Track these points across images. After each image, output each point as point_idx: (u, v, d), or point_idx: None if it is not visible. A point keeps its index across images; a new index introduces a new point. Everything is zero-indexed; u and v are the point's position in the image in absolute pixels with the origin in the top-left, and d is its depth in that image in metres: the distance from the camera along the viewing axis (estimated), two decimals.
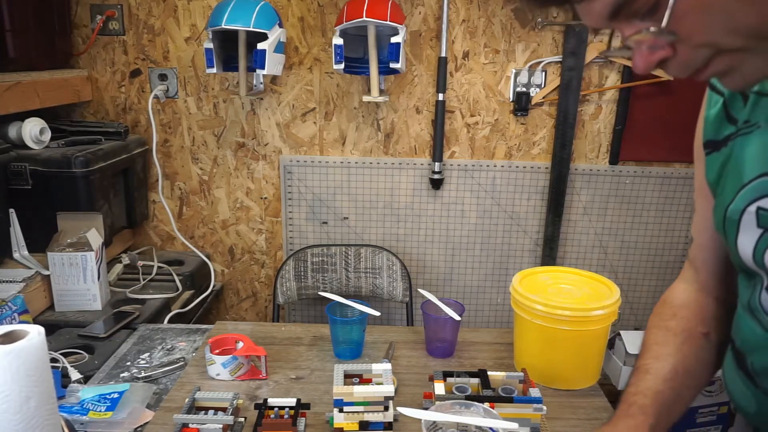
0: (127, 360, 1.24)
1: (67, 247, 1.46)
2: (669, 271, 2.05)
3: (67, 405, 1.03)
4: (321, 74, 1.88)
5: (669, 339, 0.78)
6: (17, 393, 0.68)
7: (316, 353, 1.26)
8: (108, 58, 1.89)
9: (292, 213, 2.01)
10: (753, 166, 0.61)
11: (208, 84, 1.90)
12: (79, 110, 1.94)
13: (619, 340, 1.79)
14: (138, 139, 1.90)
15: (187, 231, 2.05)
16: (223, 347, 1.19)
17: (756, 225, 0.60)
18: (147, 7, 1.84)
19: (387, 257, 1.88)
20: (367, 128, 1.93)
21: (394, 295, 1.88)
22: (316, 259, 1.89)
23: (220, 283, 2.06)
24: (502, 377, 1.04)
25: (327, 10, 1.82)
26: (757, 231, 0.60)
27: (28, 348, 0.69)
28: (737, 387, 0.71)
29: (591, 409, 1.09)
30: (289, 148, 1.96)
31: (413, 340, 1.32)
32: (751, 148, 0.62)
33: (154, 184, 1.98)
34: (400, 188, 1.98)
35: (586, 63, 1.83)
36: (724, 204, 0.65)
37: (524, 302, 1.11)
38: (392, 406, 0.97)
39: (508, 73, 1.87)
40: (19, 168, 1.53)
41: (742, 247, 0.63)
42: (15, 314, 1.21)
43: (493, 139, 1.93)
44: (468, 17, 1.82)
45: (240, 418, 1.00)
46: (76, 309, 1.48)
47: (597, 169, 1.96)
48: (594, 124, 1.92)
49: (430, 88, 1.88)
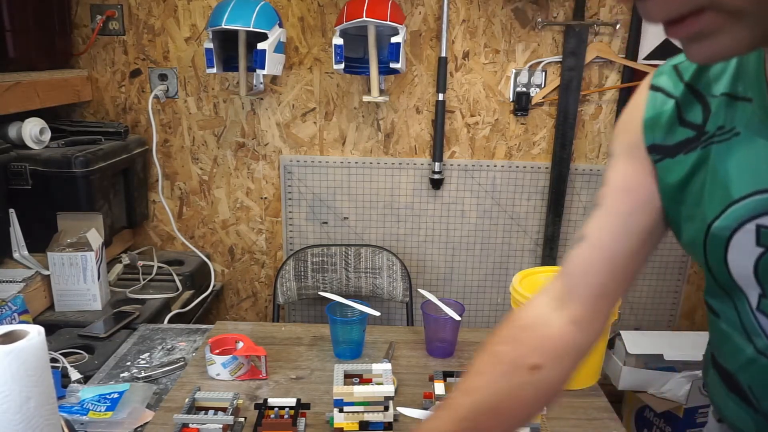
0: (127, 360, 1.24)
1: (67, 247, 1.46)
2: (669, 271, 2.05)
3: (67, 405, 1.03)
4: (321, 74, 1.88)
5: (488, 368, 0.67)
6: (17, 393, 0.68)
7: (316, 353, 1.26)
8: (108, 58, 1.89)
9: (292, 213, 2.01)
10: (742, 181, 0.58)
11: (208, 84, 1.91)
12: (79, 110, 1.94)
13: (619, 340, 1.79)
14: (138, 139, 1.90)
15: (187, 231, 2.05)
16: (223, 347, 1.19)
17: (755, 243, 0.58)
18: (147, 7, 1.84)
19: (387, 257, 1.88)
20: (367, 128, 1.93)
21: (394, 295, 1.88)
22: (316, 259, 1.89)
23: (220, 283, 2.06)
24: None
25: (327, 10, 1.82)
26: (756, 249, 0.58)
27: (28, 348, 0.69)
28: (731, 410, 0.68)
29: (591, 409, 1.09)
30: (289, 148, 1.96)
31: (413, 340, 1.32)
32: (736, 159, 0.58)
33: (154, 184, 1.98)
34: (400, 188, 1.98)
35: (586, 63, 1.83)
36: (705, 219, 0.61)
37: (524, 302, 1.11)
38: (392, 406, 0.97)
39: (508, 73, 1.87)
40: (19, 168, 1.53)
41: (734, 265, 0.60)
42: (15, 314, 1.21)
43: (493, 139, 1.93)
44: (468, 17, 1.82)
45: (240, 418, 1.00)
46: (76, 309, 1.48)
47: (597, 169, 1.96)
48: (594, 124, 1.92)
49: (430, 88, 1.88)
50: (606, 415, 1.08)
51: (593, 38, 1.82)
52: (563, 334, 0.68)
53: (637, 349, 1.73)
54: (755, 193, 0.57)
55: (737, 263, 0.60)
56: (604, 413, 1.08)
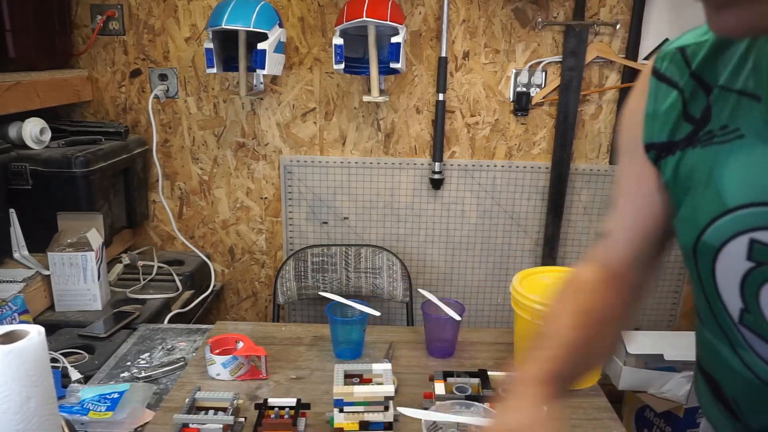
0: (127, 360, 1.24)
1: (67, 247, 1.46)
2: (669, 271, 2.05)
3: (67, 405, 1.03)
4: (321, 74, 1.88)
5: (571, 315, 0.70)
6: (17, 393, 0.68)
7: (316, 353, 1.26)
8: (108, 58, 1.89)
9: (292, 213, 2.01)
10: (739, 191, 0.54)
11: (208, 84, 1.91)
12: (79, 110, 1.94)
13: None
14: (138, 139, 1.90)
15: (187, 231, 2.05)
16: (223, 347, 1.19)
17: (745, 257, 0.54)
18: (147, 7, 1.84)
19: (387, 257, 1.88)
20: (367, 128, 1.93)
21: (395, 295, 1.88)
22: (317, 259, 1.89)
23: (220, 283, 2.06)
24: (502, 377, 1.04)
25: (327, 10, 1.82)
26: (745, 264, 0.54)
27: (28, 348, 0.69)
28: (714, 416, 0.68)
29: (591, 409, 1.09)
30: (289, 148, 1.96)
31: (413, 340, 1.32)
32: (735, 165, 0.54)
33: (154, 184, 1.98)
34: (400, 188, 1.98)
35: (586, 63, 1.83)
36: (697, 225, 0.58)
37: (524, 302, 1.11)
38: (392, 406, 0.97)
39: (508, 73, 1.87)
40: (19, 168, 1.53)
41: (721, 277, 0.57)
42: (15, 314, 1.21)
43: (493, 139, 1.93)
44: (468, 17, 1.82)
45: (240, 418, 1.00)
46: (76, 309, 1.48)
47: (597, 169, 1.96)
48: (594, 124, 1.92)
49: (431, 88, 1.88)
50: (606, 415, 1.08)
51: (593, 38, 1.82)
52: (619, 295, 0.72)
53: (637, 349, 1.73)
54: (752, 204, 0.53)
55: (724, 275, 0.57)
56: (604, 413, 1.08)
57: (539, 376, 0.63)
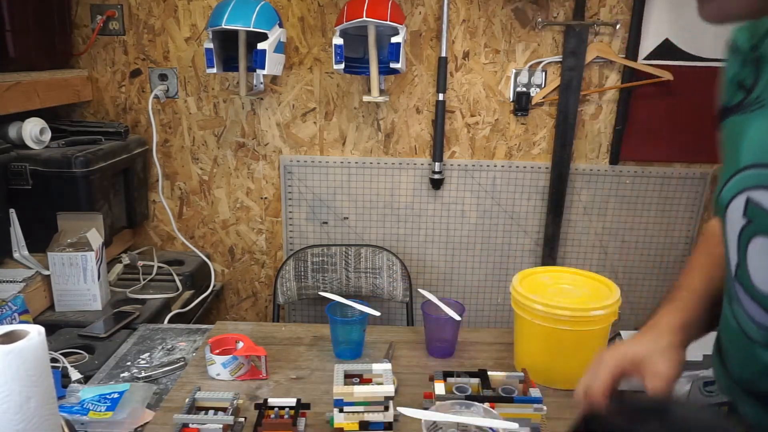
0: (127, 360, 1.24)
1: (67, 247, 1.46)
2: (669, 271, 2.05)
3: (67, 405, 1.03)
4: (321, 74, 1.88)
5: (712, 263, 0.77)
6: (17, 393, 0.68)
7: (316, 353, 1.26)
8: (108, 58, 1.89)
9: (292, 213, 2.01)
10: (749, 152, 0.60)
11: (208, 84, 1.91)
12: (79, 110, 1.94)
13: (619, 340, 1.78)
14: (138, 139, 1.90)
15: (187, 231, 2.05)
16: (223, 347, 1.19)
17: (742, 214, 0.60)
18: (147, 7, 1.84)
19: (387, 257, 1.88)
20: (367, 128, 1.93)
21: (394, 295, 1.88)
22: (316, 259, 1.89)
23: (220, 283, 2.07)
24: (502, 377, 1.04)
25: (327, 10, 1.82)
26: (741, 220, 0.61)
27: (28, 348, 0.69)
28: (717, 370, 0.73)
29: None
30: (289, 148, 1.96)
31: (413, 340, 1.32)
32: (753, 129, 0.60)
33: (154, 184, 1.98)
34: (400, 188, 1.98)
35: (586, 63, 1.83)
36: (721, 183, 0.64)
37: (524, 302, 1.11)
38: (392, 406, 0.97)
39: (508, 73, 1.87)
40: (19, 168, 1.53)
41: (726, 231, 0.64)
42: (15, 314, 1.21)
43: (493, 139, 1.93)
44: (468, 17, 1.82)
45: (240, 418, 1.00)
46: (76, 309, 1.48)
47: (597, 169, 1.96)
48: (594, 124, 1.92)
49: (431, 88, 1.88)
50: None
51: (593, 38, 1.82)
52: None
53: None
54: (753, 165, 0.59)
55: (728, 230, 0.63)
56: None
57: (671, 323, 0.70)
